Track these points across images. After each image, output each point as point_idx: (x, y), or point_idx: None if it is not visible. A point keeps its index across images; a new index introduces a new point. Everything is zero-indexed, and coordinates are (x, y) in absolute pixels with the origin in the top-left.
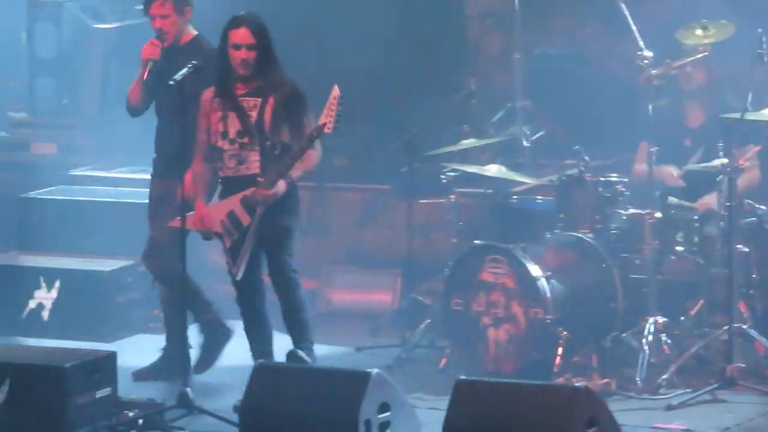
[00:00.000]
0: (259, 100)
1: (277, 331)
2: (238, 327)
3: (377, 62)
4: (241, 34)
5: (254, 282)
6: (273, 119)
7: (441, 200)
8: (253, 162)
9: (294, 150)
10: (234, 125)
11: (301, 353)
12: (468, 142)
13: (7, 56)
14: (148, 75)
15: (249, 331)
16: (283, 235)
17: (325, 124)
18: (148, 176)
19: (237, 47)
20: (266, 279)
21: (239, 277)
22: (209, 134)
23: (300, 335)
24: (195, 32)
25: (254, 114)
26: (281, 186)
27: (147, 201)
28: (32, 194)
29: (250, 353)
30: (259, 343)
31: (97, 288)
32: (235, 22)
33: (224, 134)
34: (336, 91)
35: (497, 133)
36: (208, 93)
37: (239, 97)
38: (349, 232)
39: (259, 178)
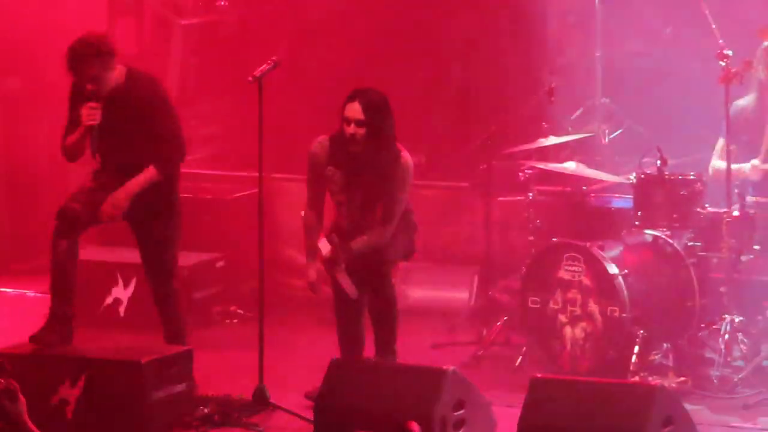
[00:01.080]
0: (368, 172)
1: None
2: (311, 324)
3: (457, 60)
4: (352, 109)
5: (361, 303)
6: (379, 188)
7: (519, 198)
8: (366, 228)
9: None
10: (345, 195)
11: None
12: (546, 140)
13: None
14: (91, 138)
15: (342, 339)
16: (382, 270)
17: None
18: (226, 172)
19: (347, 122)
20: None
21: (355, 296)
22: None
23: (384, 347)
24: (123, 68)
25: (359, 192)
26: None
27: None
28: None
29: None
30: (350, 352)
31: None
32: (350, 95)
33: (339, 203)
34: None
35: (576, 130)
36: (322, 143)
37: (350, 172)
38: (427, 229)
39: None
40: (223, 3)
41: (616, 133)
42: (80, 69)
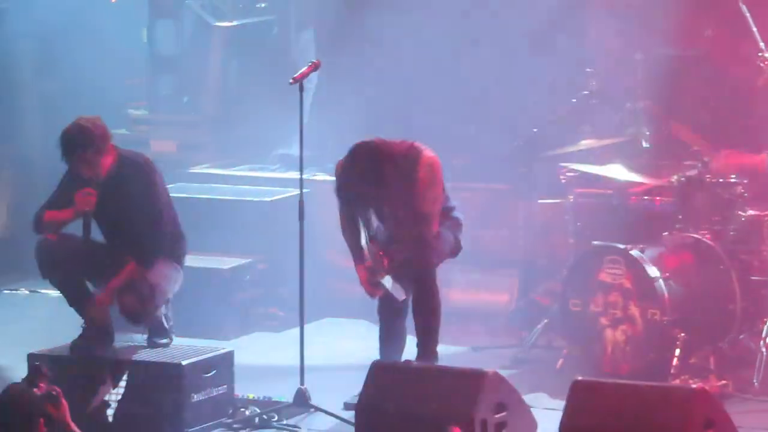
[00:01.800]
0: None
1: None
2: (351, 326)
3: (497, 61)
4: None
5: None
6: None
7: (560, 200)
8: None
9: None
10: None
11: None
12: (588, 143)
13: (128, 54)
14: (84, 223)
15: (384, 340)
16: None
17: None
18: (266, 174)
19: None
20: None
21: (401, 297)
22: None
23: (426, 346)
24: (115, 153)
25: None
26: None
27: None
28: None
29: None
30: (391, 354)
31: (216, 286)
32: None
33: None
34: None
35: (617, 133)
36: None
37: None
38: (468, 232)
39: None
40: (262, 5)
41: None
42: (72, 156)
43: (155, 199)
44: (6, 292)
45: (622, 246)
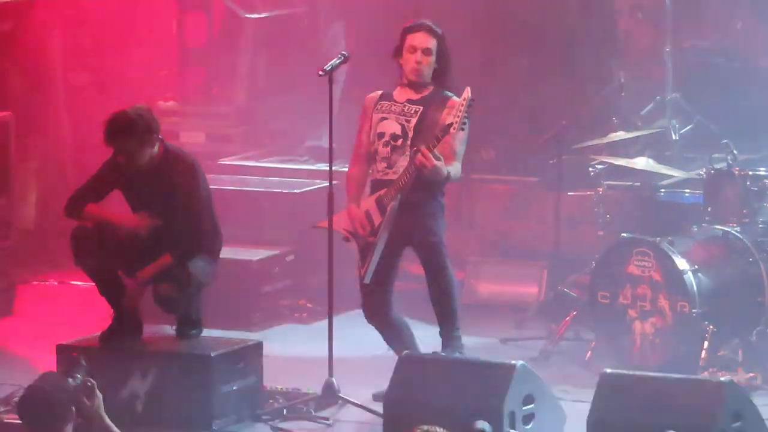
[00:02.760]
0: (421, 108)
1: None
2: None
3: (526, 54)
4: (419, 38)
5: (380, 293)
6: (428, 130)
7: (588, 193)
8: (401, 167)
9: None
10: (392, 128)
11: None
12: (616, 135)
13: (158, 46)
14: None
15: (384, 337)
16: (433, 240)
17: (451, 125)
18: (296, 166)
19: (412, 50)
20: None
21: (366, 280)
22: (369, 135)
23: (447, 327)
24: (162, 145)
25: (413, 120)
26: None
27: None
28: None
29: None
30: (399, 345)
31: (245, 277)
32: (415, 26)
33: (380, 136)
34: (467, 92)
35: (646, 125)
36: (373, 95)
37: (403, 103)
38: (496, 224)
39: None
40: None
41: (686, 129)
42: (116, 144)
43: (197, 199)
44: (35, 283)
45: (651, 238)
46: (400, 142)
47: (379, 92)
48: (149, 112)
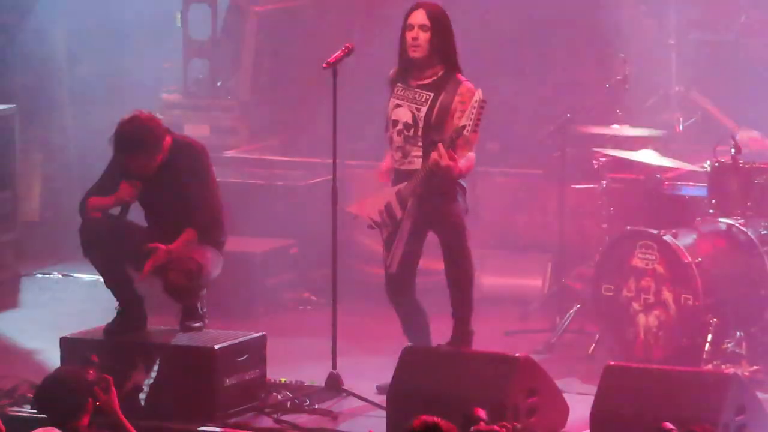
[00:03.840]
0: (432, 94)
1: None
2: (384, 310)
3: (531, 48)
4: (415, 15)
5: (405, 279)
6: (438, 117)
7: (593, 185)
8: (415, 158)
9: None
10: (404, 116)
11: None
12: (621, 129)
13: (162, 38)
14: (121, 211)
15: (403, 323)
16: (452, 220)
17: (465, 127)
18: (299, 159)
19: (410, 28)
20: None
21: (393, 269)
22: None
23: (462, 318)
24: (168, 140)
25: (424, 108)
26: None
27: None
28: None
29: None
30: (416, 335)
31: (249, 270)
32: (413, 6)
33: (395, 123)
34: (479, 94)
35: (650, 118)
36: (392, 73)
37: (415, 88)
38: (501, 217)
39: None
40: None
41: (690, 121)
42: (127, 161)
43: (209, 185)
44: (39, 275)
45: (654, 231)
46: (411, 131)
47: (395, 69)
48: (153, 121)
